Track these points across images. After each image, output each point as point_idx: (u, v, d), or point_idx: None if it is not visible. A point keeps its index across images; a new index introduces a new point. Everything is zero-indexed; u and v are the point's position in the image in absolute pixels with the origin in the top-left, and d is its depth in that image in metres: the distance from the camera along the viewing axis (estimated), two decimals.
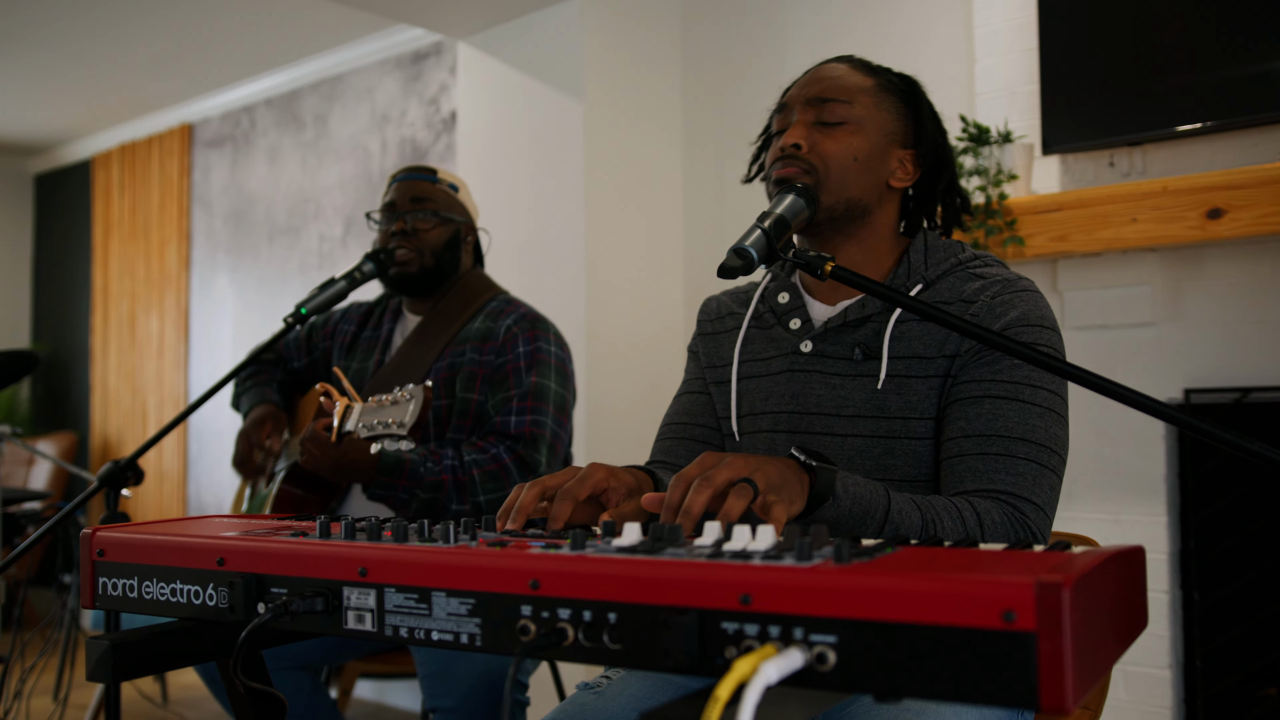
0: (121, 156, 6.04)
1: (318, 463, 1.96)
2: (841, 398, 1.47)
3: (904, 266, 1.52)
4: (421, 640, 0.97)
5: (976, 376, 1.40)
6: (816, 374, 1.50)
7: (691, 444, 1.63)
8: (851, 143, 1.48)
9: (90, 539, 1.19)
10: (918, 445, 1.44)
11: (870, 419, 1.45)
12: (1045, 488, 1.36)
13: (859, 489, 1.23)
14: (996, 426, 1.37)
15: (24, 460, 5.90)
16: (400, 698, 4.30)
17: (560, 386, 2.24)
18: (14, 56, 4.92)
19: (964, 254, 1.53)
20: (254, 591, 1.06)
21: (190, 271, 5.62)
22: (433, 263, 2.31)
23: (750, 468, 1.12)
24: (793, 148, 1.48)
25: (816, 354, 1.51)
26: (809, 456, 1.20)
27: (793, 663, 0.78)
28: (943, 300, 1.47)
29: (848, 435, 1.46)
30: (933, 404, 1.43)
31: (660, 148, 3.60)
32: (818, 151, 1.48)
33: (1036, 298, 1.46)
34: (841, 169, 1.48)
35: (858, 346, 1.48)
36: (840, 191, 1.48)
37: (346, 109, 4.81)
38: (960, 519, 1.29)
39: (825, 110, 1.50)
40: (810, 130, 1.49)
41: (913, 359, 1.44)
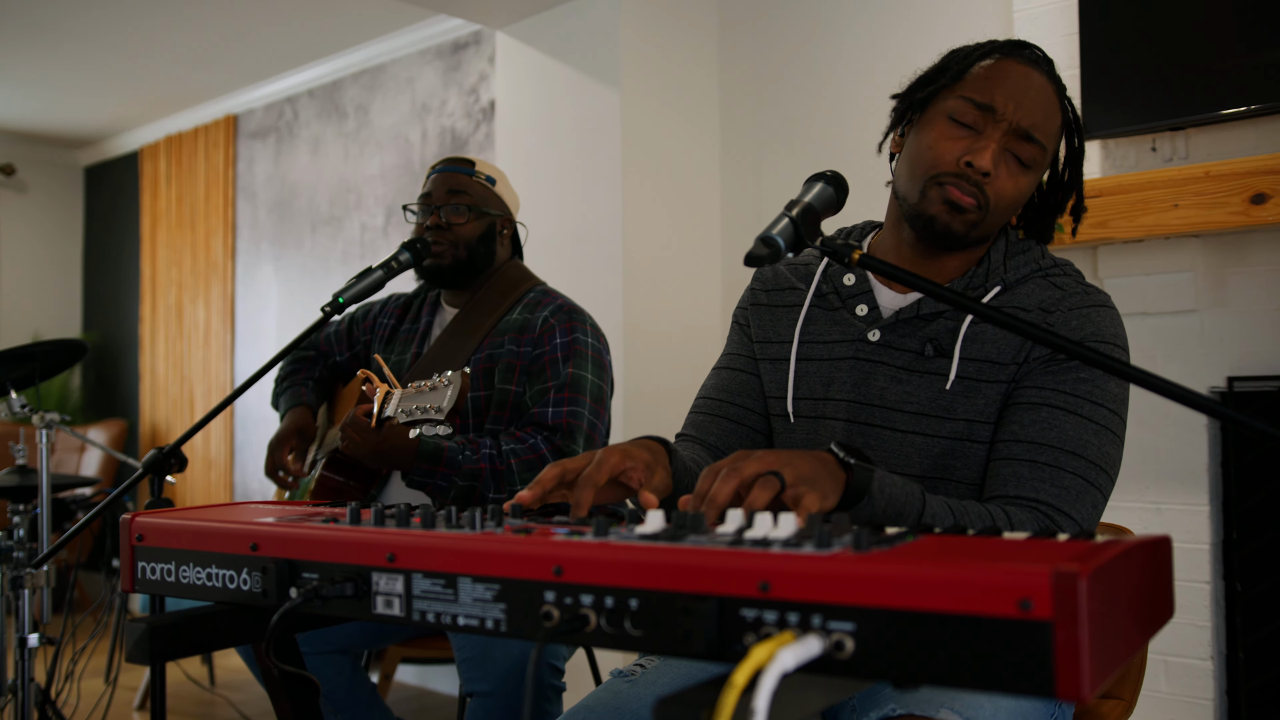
0: (168, 148, 6.13)
1: (358, 448, 1.99)
2: (906, 393, 1.44)
3: (983, 266, 1.47)
4: (448, 625, 0.98)
5: (1039, 384, 1.38)
6: (882, 365, 1.47)
7: (724, 422, 1.60)
8: (1024, 189, 1.43)
9: (129, 524, 1.22)
10: (980, 450, 1.41)
11: (934, 419, 1.42)
12: (1088, 505, 1.33)
13: (894, 490, 1.22)
14: (1050, 436, 1.34)
15: (76, 447, 6.02)
16: (441, 682, 4.34)
17: (597, 377, 2.25)
18: (64, 52, 5.01)
19: (1045, 260, 1.48)
20: (286, 576, 1.08)
21: (235, 261, 5.70)
22: (466, 256, 2.33)
23: (781, 462, 1.11)
24: (983, 175, 1.40)
25: (884, 344, 1.47)
26: (848, 453, 1.20)
27: (810, 650, 0.78)
28: (1020, 306, 1.43)
29: (909, 432, 1.43)
30: (996, 409, 1.40)
31: (697, 135, 3.59)
32: (997, 189, 1.40)
33: (1113, 315, 1.43)
34: (1005, 213, 1.43)
35: (930, 342, 1.44)
36: (988, 229, 1.44)
37: (387, 99, 4.85)
38: (993, 527, 1.28)
39: (1025, 149, 1.40)
40: (1002, 158, 1.40)
41: (985, 362, 1.41)
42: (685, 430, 1.64)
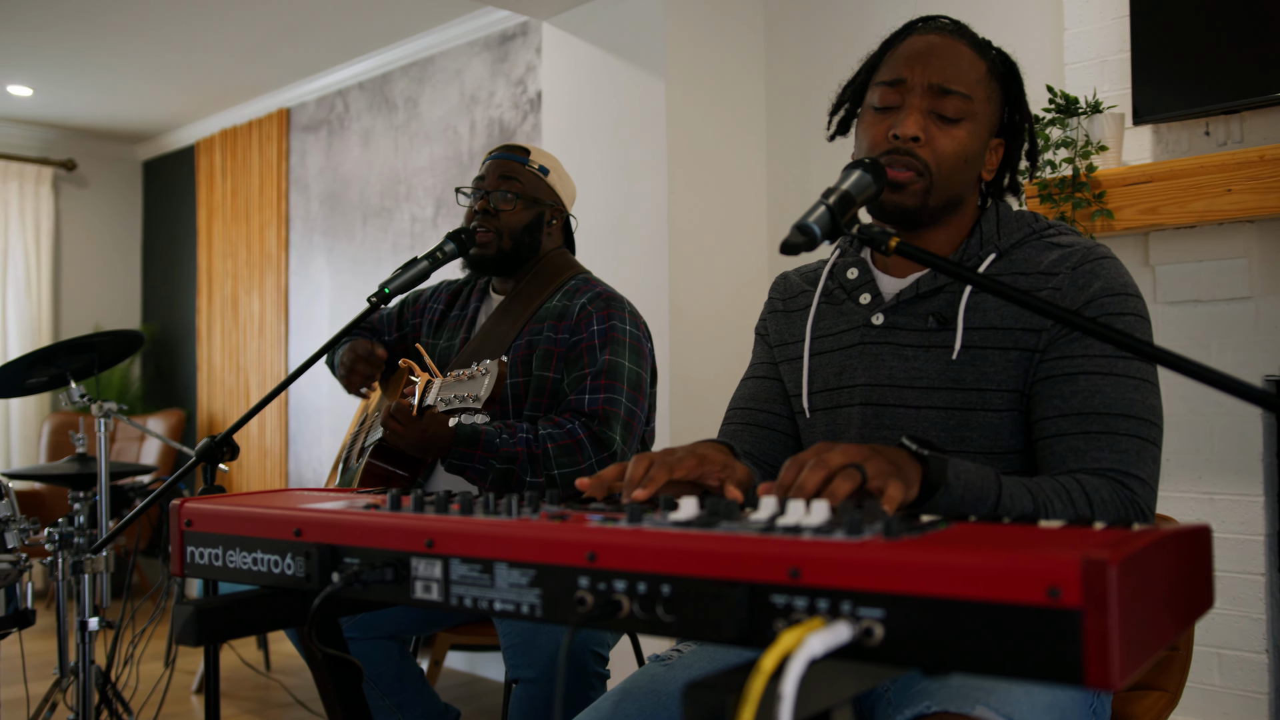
0: (223, 142, 6.22)
1: (400, 438, 2.01)
2: (915, 369, 1.46)
3: (975, 237, 1.50)
4: (485, 610, 1.00)
5: (1068, 353, 1.38)
6: (889, 346, 1.49)
7: (756, 430, 1.63)
8: (964, 142, 1.44)
9: (179, 510, 1.25)
10: (993, 417, 1.42)
11: (945, 390, 1.44)
12: (1148, 461, 1.35)
13: (970, 475, 1.23)
14: (1094, 404, 1.35)
15: (135, 437, 6.15)
16: (491, 669, 4.39)
17: (635, 365, 2.26)
18: (123, 50, 5.10)
19: (1038, 223, 1.50)
20: (328, 561, 1.10)
21: (289, 253, 5.78)
22: (510, 245, 2.34)
23: (863, 455, 1.13)
24: (912, 140, 1.43)
25: (889, 326, 1.50)
26: (920, 445, 1.20)
27: (839, 636, 0.79)
28: (1019, 270, 1.45)
29: (922, 407, 1.45)
30: (1010, 376, 1.41)
31: (743, 124, 3.58)
32: (933, 149, 1.43)
33: (1117, 264, 1.43)
34: (951, 170, 1.45)
35: (931, 315, 1.46)
36: (945, 192, 1.46)
37: (436, 91, 4.88)
38: (1069, 500, 1.28)
39: (946, 104, 1.44)
40: (927, 121, 1.44)
41: (988, 330, 1.42)
42: (719, 440, 1.66)
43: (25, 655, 3.69)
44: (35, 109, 6.21)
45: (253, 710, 3.93)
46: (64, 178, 6.82)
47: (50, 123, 6.53)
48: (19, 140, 6.59)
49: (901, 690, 1.23)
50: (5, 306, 6.44)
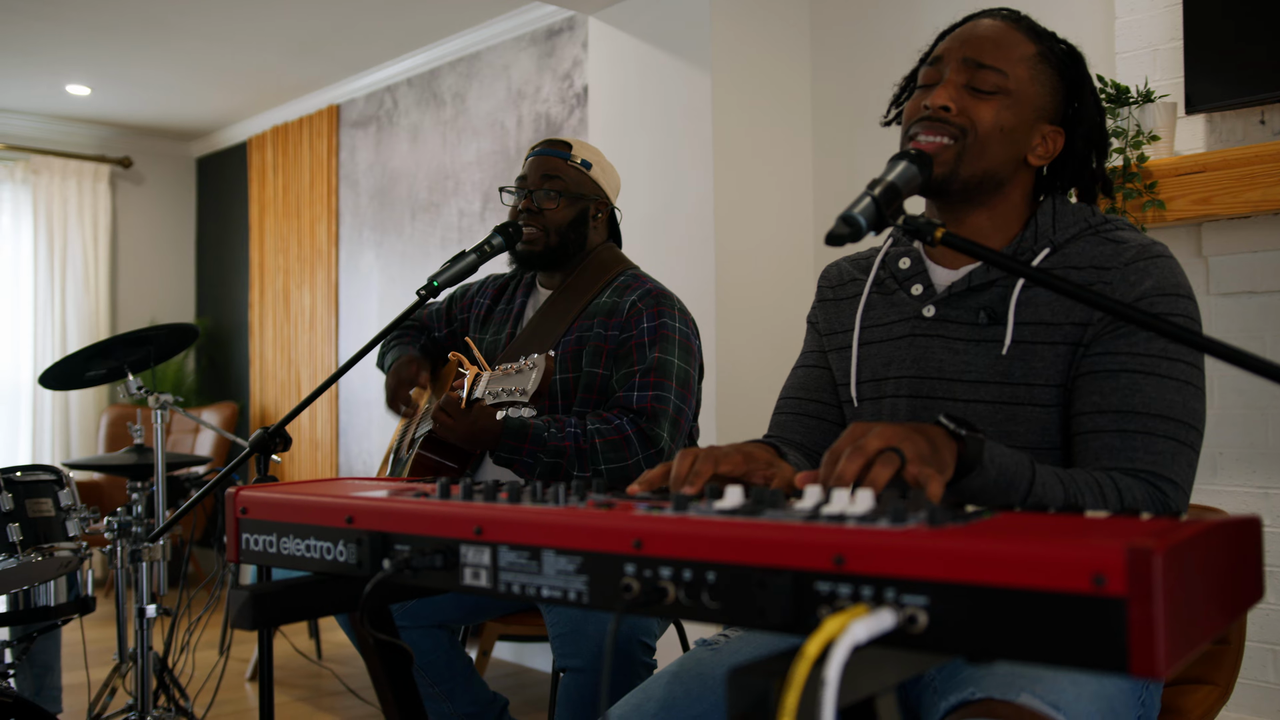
0: (274, 138, 6.31)
1: (449, 429, 2.04)
2: (964, 363, 1.46)
3: (1030, 230, 1.48)
4: (533, 596, 1.01)
5: (1111, 349, 1.37)
6: (939, 339, 1.49)
7: (807, 420, 1.64)
8: (1000, 114, 1.44)
9: (234, 498, 1.28)
10: (1041, 413, 1.41)
11: (993, 385, 1.43)
12: (1184, 465, 1.33)
13: (1005, 459, 1.23)
14: (1134, 402, 1.34)
15: (190, 429, 6.26)
16: (538, 659, 4.42)
17: (684, 362, 2.26)
18: (178, 49, 5.19)
19: (1095, 218, 1.48)
20: (379, 548, 1.12)
21: (339, 247, 5.85)
22: (556, 241, 2.36)
23: (899, 436, 1.12)
24: (941, 109, 1.44)
25: (939, 319, 1.50)
26: (958, 424, 1.21)
27: (883, 623, 0.79)
28: (1073, 265, 1.43)
29: (970, 401, 1.45)
30: (1059, 371, 1.40)
31: (789, 117, 3.58)
32: (968, 115, 1.44)
33: (1172, 264, 1.41)
34: (986, 138, 1.44)
35: (982, 310, 1.46)
36: (979, 162, 1.45)
37: (484, 86, 4.92)
38: (1102, 494, 1.27)
39: (979, 76, 1.45)
40: (960, 93, 1.45)
41: (1039, 325, 1.42)
42: (770, 432, 1.69)
43: (86, 642, 3.78)
44: (93, 108, 6.33)
45: (305, 698, 3.99)
46: (121, 175, 6.95)
47: (107, 121, 6.66)
48: (77, 139, 6.72)
49: (947, 678, 1.24)
50: (65, 301, 6.58)
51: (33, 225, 6.53)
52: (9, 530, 2.53)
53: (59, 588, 2.86)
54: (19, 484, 2.61)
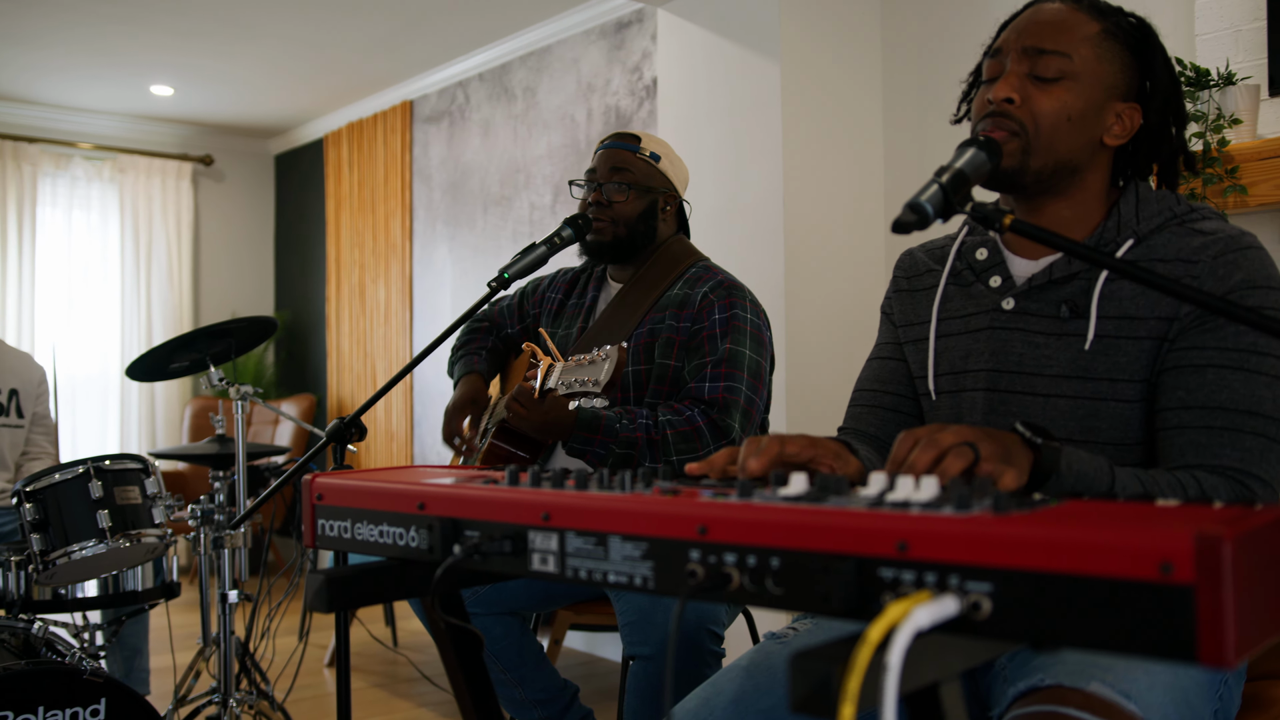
0: (350, 135, 6.42)
1: (522, 419, 2.07)
2: (1045, 357, 1.43)
3: (1113, 220, 1.45)
4: (599, 581, 1.03)
5: (1199, 344, 1.34)
6: (1019, 332, 1.46)
7: (883, 412, 1.63)
8: (1066, 100, 1.41)
9: (310, 485, 1.31)
10: (1124, 408, 1.38)
11: (1075, 380, 1.41)
12: (1273, 462, 1.30)
13: (1082, 465, 1.21)
14: (1221, 398, 1.31)
15: (270, 421, 6.41)
16: (609, 649, 4.45)
17: (755, 353, 2.26)
18: (256, 49, 5.30)
19: (1180, 207, 1.44)
20: (450, 534, 1.14)
21: (413, 242, 5.93)
22: (626, 234, 2.37)
23: (975, 437, 1.12)
24: (1004, 102, 1.42)
25: (1019, 312, 1.47)
26: (1034, 432, 1.19)
27: (946, 609, 0.79)
28: (1159, 257, 1.39)
29: (1050, 395, 1.42)
30: (1143, 366, 1.37)
31: (859, 106, 3.55)
32: (1030, 108, 1.41)
33: (1262, 256, 1.37)
34: (1053, 129, 1.41)
35: (1064, 304, 1.43)
36: (1049, 153, 1.42)
37: (554, 80, 4.95)
38: (1184, 493, 1.25)
39: (1041, 63, 1.42)
40: (1023, 83, 1.42)
41: (1123, 319, 1.38)
42: (845, 424, 1.68)
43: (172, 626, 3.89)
44: (175, 108, 6.50)
45: (380, 684, 4.07)
46: (202, 172, 7.12)
47: (189, 120, 6.83)
48: (161, 138, 6.91)
49: (1018, 667, 1.23)
50: (150, 295, 6.77)
51: (119, 222, 6.73)
52: (99, 517, 2.63)
53: (146, 573, 2.96)
54: (108, 472, 2.70)
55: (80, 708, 2.29)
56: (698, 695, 1.38)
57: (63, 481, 2.65)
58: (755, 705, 1.33)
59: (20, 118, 6.40)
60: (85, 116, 6.58)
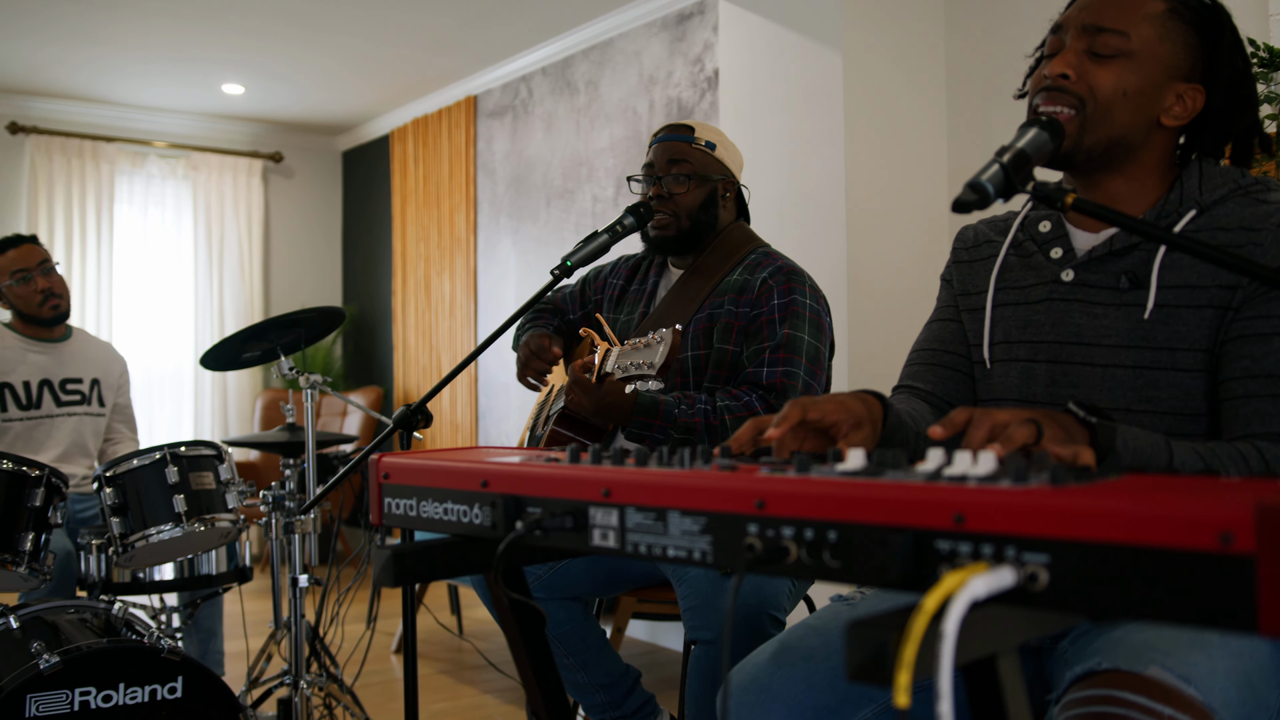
0: (415, 130, 6.50)
1: (580, 403, 2.09)
2: (1104, 327, 1.43)
3: (1175, 193, 1.44)
4: (659, 556, 1.04)
5: (1264, 312, 1.33)
6: (1078, 303, 1.46)
7: (940, 370, 1.63)
8: (1123, 77, 1.40)
9: (377, 464, 1.34)
10: (1185, 378, 1.38)
11: (1134, 349, 1.40)
12: None
13: (1139, 442, 1.21)
14: None
15: (338, 412, 6.52)
16: (672, 638, 4.47)
17: (814, 339, 2.26)
18: (324, 47, 5.40)
19: (1245, 179, 1.43)
20: (512, 510, 1.17)
21: (477, 235, 6.00)
22: (689, 225, 2.39)
23: (1034, 416, 1.12)
24: (1060, 78, 1.42)
25: (1078, 283, 1.47)
26: (1088, 411, 1.19)
27: (1003, 580, 0.79)
28: (1220, 227, 1.39)
29: (1109, 366, 1.42)
30: (1204, 335, 1.36)
31: (922, 93, 3.52)
32: (1086, 83, 1.41)
33: None
34: (1109, 103, 1.41)
35: (1124, 275, 1.42)
36: (1104, 128, 1.41)
37: (616, 73, 4.97)
38: (1246, 466, 1.24)
39: (1099, 41, 1.42)
40: (1080, 59, 1.42)
41: (1183, 288, 1.38)
42: (901, 381, 1.67)
43: (245, 613, 3.99)
44: (246, 106, 6.63)
45: (447, 670, 4.13)
46: (272, 169, 7.26)
47: (259, 118, 6.97)
48: (232, 135, 7.06)
49: (1079, 650, 1.22)
50: (222, 289, 6.92)
51: (193, 218, 6.89)
52: (175, 501, 2.70)
53: (220, 557, 3.04)
54: (183, 458, 2.77)
55: (158, 685, 2.36)
56: (764, 650, 1.39)
57: (141, 467, 2.73)
58: (825, 663, 1.34)
59: (99, 118, 6.58)
60: (160, 116, 6.75)
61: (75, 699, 2.27)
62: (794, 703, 1.33)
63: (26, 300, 3.57)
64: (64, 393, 3.62)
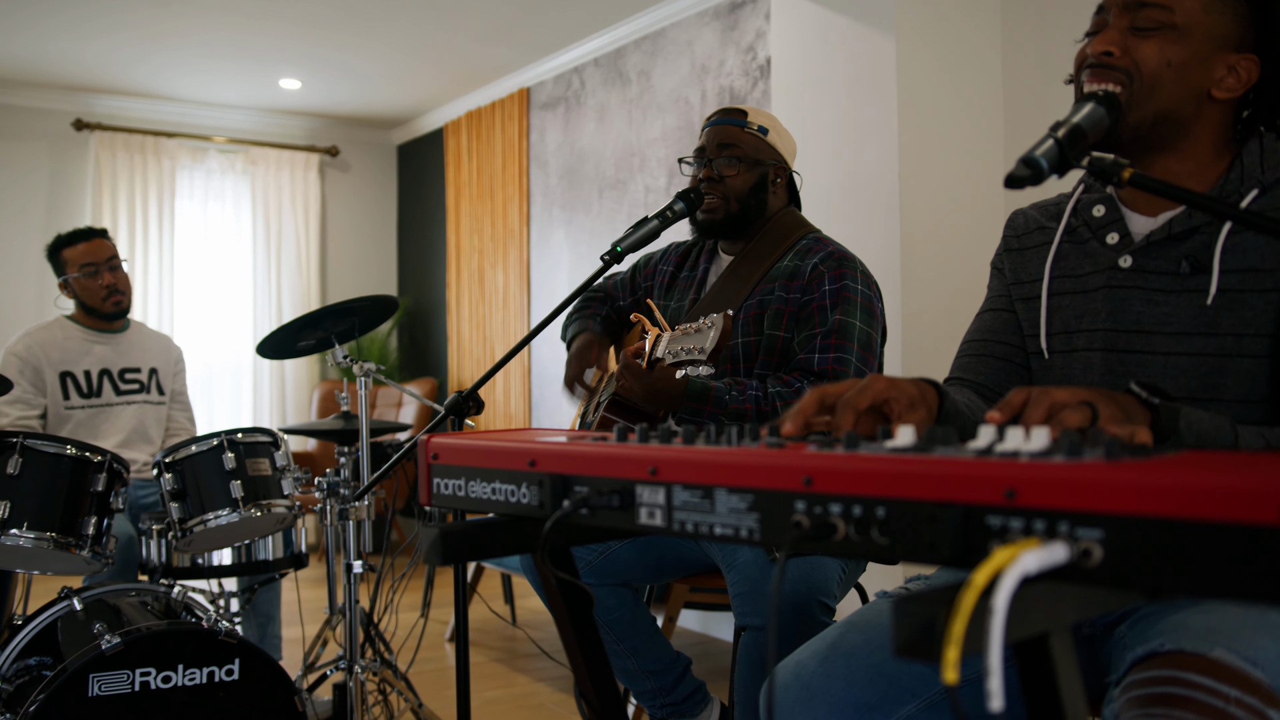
0: (469, 123, 6.54)
1: (630, 389, 2.09)
2: (1164, 314, 1.39)
3: (1235, 172, 1.40)
4: (705, 535, 1.03)
5: None
6: (1137, 290, 1.43)
7: (991, 361, 1.59)
8: (1166, 49, 1.37)
9: (426, 445, 1.35)
10: (1250, 364, 1.34)
11: (1197, 336, 1.37)
12: None
13: (1203, 424, 1.18)
14: None
15: (393, 403, 6.59)
16: (723, 629, 4.46)
17: (865, 324, 2.24)
18: (380, 41, 5.45)
19: None
20: (559, 489, 1.16)
21: (530, 227, 6.02)
22: (738, 209, 2.38)
23: (1092, 396, 1.10)
24: (1103, 55, 1.39)
25: (1137, 269, 1.43)
26: (1150, 392, 1.16)
27: (1055, 556, 0.78)
28: None
29: (1171, 354, 1.38)
30: (1270, 320, 1.33)
31: (977, 78, 3.47)
32: (1131, 56, 1.38)
33: None
34: (1154, 77, 1.37)
35: (1184, 259, 1.39)
36: (1149, 103, 1.38)
37: (668, 63, 4.96)
38: None
39: (1141, 15, 1.39)
40: (1123, 36, 1.39)
41: (1248, 272, 1.34)
42: (952, 374, 1.64)
43: (301, 600, 4.04)
44: (303, 100, 6.71)
45: (500, 659, 4.15)
46: (328, 163, 7.34)
47: (316, 113, 7.05)
48: (290, 130, 7.15)
49: (1138, 633, 1.19)
50: (280, 284, 7.02)
51: (251, 212, 7.00)
52: (232, 487, 2.74)
53: (276, 543, 3.08)
54: (240, 445, 2.82)
55: (216, 667, 2.40)
56: (807, 648, 1.38)
57: (199, 453, 2.77)
58: (866, 660, 1.33)
59: (160, 114, 6.70)
60: (219, 111, 6.86)
61: (136, 679, 2.32)
62: (835, 700, 1.32)
63: (91, 294, 3.65)
64: (123, 381, 3.70)
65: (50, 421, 3.60)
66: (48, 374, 3.60)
